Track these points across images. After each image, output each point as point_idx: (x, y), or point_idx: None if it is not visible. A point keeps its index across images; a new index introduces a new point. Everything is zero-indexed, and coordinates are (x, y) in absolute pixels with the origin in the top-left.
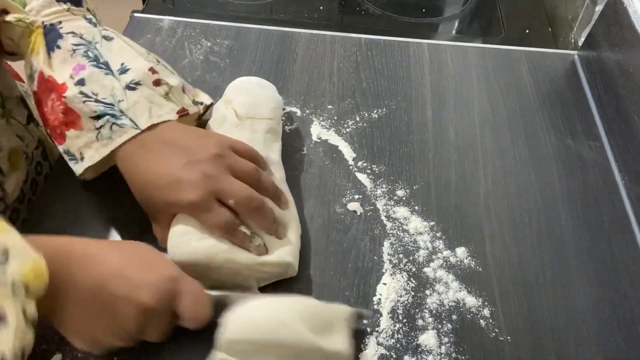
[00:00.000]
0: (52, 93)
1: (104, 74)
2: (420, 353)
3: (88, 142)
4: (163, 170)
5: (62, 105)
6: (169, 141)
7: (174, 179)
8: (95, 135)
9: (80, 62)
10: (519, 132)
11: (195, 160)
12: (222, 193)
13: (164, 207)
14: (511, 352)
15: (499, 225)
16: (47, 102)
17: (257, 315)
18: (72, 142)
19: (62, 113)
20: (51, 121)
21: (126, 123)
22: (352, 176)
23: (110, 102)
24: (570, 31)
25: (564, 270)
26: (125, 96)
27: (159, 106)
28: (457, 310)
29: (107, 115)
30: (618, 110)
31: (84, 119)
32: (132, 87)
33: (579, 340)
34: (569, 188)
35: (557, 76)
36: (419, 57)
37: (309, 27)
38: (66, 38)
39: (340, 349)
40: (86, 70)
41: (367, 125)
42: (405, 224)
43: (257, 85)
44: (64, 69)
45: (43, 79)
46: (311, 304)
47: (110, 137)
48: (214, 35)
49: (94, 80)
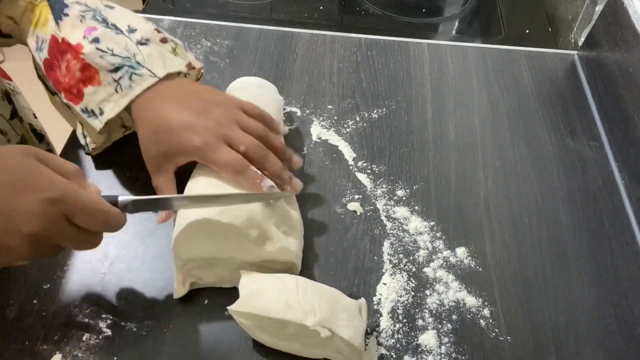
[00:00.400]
0: (67, 54)
1: (115, 33)
2: (420, 353)
3: (107, 95)
4: (178, 116)
5: (79, 62)
6: (185, 92)
7: (188, 124)
8: (114, 88)
9: (90, 25)
10: (519, 132)
11: (209, 110)
12: (232, 139)
13: (174, 150)
14: (511, 352)
15: (499, 225)
16: (62, 64)
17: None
18: (90, 99)
19: (80, 70)
20: (65, 83)
21: (144, 72)
22: (352, 176)
23: (127, 56)
24: (570, 31)
25: (564, 270)
26: (138, 50)
27: (170, 59)
28: (457, 310)
29: (126, 67)
30: (618, 110)
31: (102, 73)
32: (143, 43)
33: (579, 340)
34: (569, 188)
35: (557, 76)
36: (419, 57)
37: (309, 27)
38: (72, 7)
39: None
40: (98, 30)
41: (367, 125)
42: (405, 224)
43: (257, 85)
44: (75, 32)
45: (56, 42)
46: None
47: (130, 87)
48: (214, 35)
49: (107, 38)
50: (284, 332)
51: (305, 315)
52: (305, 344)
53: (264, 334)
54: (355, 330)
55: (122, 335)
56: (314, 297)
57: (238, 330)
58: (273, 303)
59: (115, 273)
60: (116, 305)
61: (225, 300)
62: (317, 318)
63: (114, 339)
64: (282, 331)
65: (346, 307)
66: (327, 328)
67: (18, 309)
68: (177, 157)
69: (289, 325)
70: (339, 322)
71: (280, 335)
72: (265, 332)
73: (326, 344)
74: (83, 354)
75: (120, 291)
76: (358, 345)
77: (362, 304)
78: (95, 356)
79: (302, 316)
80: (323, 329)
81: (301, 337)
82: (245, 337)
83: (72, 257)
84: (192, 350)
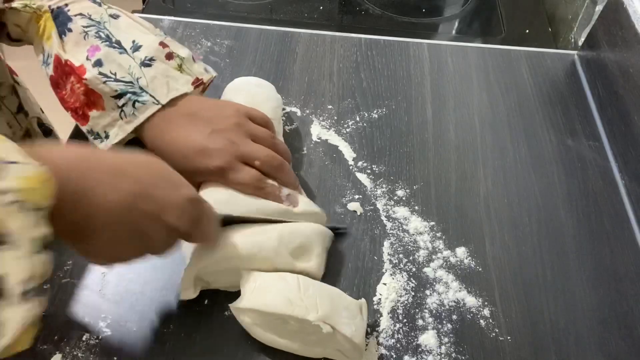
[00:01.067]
0: (71, 76)
1: (119, 53)
2: (420, 353)
3: (112, 121)
4: (189, 140)
5: (82, 87)
6: (191, 114)
7: (201, 148)
8: (119, 114)
9: (93, 43)
10: (519, 132)
11: (218, 129)
12: (247, 156)
13: (192, 174)
14: (511, 352)
15: (499, 225)
16: (66, 85)
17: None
18: (95, 122)
19: (84, 95)
20: (71, 103)
21: (147, 99)
22: (352, 176)
23: (130, 80)
24: (570, 31)
25: (564, 270)
26: (142, 73)
27: (174, 79)
28: (457, 310)
29: (129, 94)
30: (618, 110)
31: (106, 98)
32: (147, 64)
33: (579, 340)
34: (569, 188)
35: (557, 76)
36: (419, 57)
37: (309, 27)
38: (75, 20)
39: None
40: (101, 51)
41: (367, 125)
42: (405, 224)
43: (255, 85)
44: (78, 51)
45: (60, 63)
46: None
47: (134, 114)
48: (214, 35)
49: (110, 60)
50: (285, 329)
51: (307, 311)
52: (305, 342)
53: (265, 332)
54: (356, 327)
55: (122, 335)
56: (315, 295)
57: (238, 330)
58: (275, 299)
59: (115, 273)
60: (116, 305)
61: (225, 300)
62: (319, 313)
63: (114, 339)
64: (283, 328)
65: (347, 305)
66: (329, 324)
67: None
68: (197, 177)
69: (291, 321)
70: (340, 319)
71: (281, 332)
72: (266, 329)
73: (327, 341)
74: (83, 354)
75: (120, 291)
76: (359, 342)
77: (363, 303)
78: (95, 356)
79: (305, 312)
80: (325, 325)
81: (302, 335)
82: (245, 338)
83: (72, 257)
84: (192, 350)
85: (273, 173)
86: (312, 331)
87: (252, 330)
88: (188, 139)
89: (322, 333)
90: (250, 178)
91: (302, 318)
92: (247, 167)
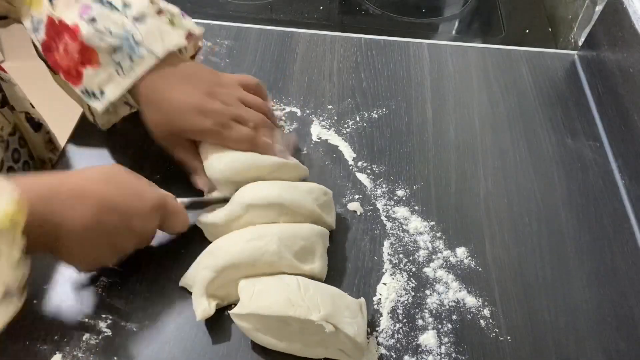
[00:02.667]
0: (65, 35)
1: (110, 11)
2: (420, 353)
3: (108, 77)
4: (186, 97)
5: (77, 45)
6: (188, 74)
7: (198, 106)
8: (115, 70)
9: (84, 3)
10: (519, 132)
11: (214, 92)
12: (241, 117)
13: (187, 131)
14: (511, 352)
15: (499, 225)
16: (59, 45)
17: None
18: (90, 80)
19: (78, 53)
20: (64, 64)
21: (144, 53)
22: (352, 176)
23: (125, 36)
24: (570, 31)
25: (564, 270)
26: (136, 29)
27: (168, 33)
28: (457, 310)
29: (125, 48)
30: (618, 110)
31: (102, 54)
32: (140, 20)
33: (579, 340)
34: (569, 188)
35: (557, 76)
36: (419, 57)
37: (309, 27)
38: None
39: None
40: (94, 10)
41: (367, 125)
42: (405, 224)
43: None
44: (70, 12)
45: (52, 24)
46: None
47: (132, 68)
48: (214, 35)
49: (104, 17)
50: (286, 331)
51: (310, 311)
52: (306, 343)
53: (266, 336)
54: (359, 327)
55: (122, 335)
56: (316, 295)
57: (238, 330)
58: (276, 301)
59: (116, 273)
60: (116, 305)
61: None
62: (322, 313)
63: (114, 339)
64: (284, 330)
65: (348, 305)
66: (332, 324)
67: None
68: (193, 135)
69: (293, 322)
70: (343, 318)
71: (282, 335)
72: (267, 333)
73: (329, 341)
74: (83, 354)
75: (120, 291)
76: (362, 342)
77: (362, 303)
78: (95, 356)
79: (307, 312)
80: (328, 324)
81: (303, 336)
82: (245, 338)
83: None
84: (192, 351)
85: (265, 134)
86: (314, 331)
87: (253, 335)
88: (184, 97)
89: (324, 333)
90: (246, 134)
91: (304, 318)
92: (241, 126)
